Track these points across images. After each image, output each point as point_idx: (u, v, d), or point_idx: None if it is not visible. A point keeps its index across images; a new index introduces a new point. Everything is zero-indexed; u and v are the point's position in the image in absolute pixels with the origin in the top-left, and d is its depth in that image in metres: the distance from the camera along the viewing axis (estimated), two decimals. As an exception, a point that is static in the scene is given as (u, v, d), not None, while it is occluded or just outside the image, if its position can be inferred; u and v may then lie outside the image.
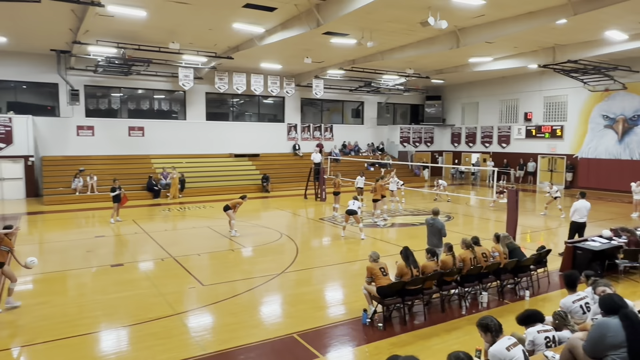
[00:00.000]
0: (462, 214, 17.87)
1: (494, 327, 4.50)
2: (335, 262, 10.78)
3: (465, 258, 8.11)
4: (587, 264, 9.38)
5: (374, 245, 12.28)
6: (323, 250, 12.42)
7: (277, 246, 12.26)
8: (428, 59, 22.61)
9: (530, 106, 27.80)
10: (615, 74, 22.54)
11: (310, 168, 22.24)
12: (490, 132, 30.45)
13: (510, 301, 8.26)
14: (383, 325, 7.05)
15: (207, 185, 23.03)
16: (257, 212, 18.08)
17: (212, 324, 7.21)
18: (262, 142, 27.44)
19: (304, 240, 13.25)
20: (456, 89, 32.50)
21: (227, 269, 10.12)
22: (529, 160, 27.85)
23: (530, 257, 8.77)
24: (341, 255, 11.39)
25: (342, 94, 30.27)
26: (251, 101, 27.97)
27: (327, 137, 30.18)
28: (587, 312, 5.67)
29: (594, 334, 4.28)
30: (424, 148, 33.35)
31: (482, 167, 29.08)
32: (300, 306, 7.92)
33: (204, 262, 10.76)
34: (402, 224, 15.45)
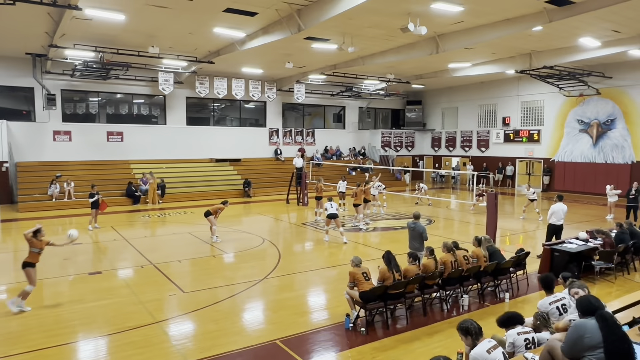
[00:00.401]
0: (443, 218, 18.06)
1: (474, 331, 4.55)
2: (318, 267, 10.76)
3: (446, 261, 8.19)
4: (564, 266, 9.56)
5: (356, 250, 12.30)
6: (305, 255, 12.39)
7: (259, 252, 12.19)
8: (408, 64, 22.85)
9: (508, 111, 28.31)
10: (589, 80, 23.13)
11: (292, 173, 22.21)
12: (469, 137, 30.89)
13: (491, 303, 8.36)
14: (366, 330, 7.06)
15: (188, 191, 22.80)
16: (239, 218, 17.95)
17: (193, 332, 7.12)
18: (244, 146, 27.31)
19: (286, 245, 13.21)
20: (436, 94, 32.91)
21: (208, 275, 10.01)
22: (507, 164, 28.32)
23: (509, 260, 8.90)
24: (323, 260, 11.38)
25: (323, 98, 30.34)
26: (232, 106, 27.82)
27: (309, 142, 30.22)
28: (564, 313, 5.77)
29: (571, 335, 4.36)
30: (405, 152, 33.64)
31: (462, 171, 29.46)
32: (282, 312, 7.88)
33: (184, 268, 10.63)
34: (384, 228, 15.53)
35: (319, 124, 31.62)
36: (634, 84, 22.37)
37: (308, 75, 24.86)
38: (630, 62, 21.86)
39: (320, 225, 15.66)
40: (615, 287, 9.19)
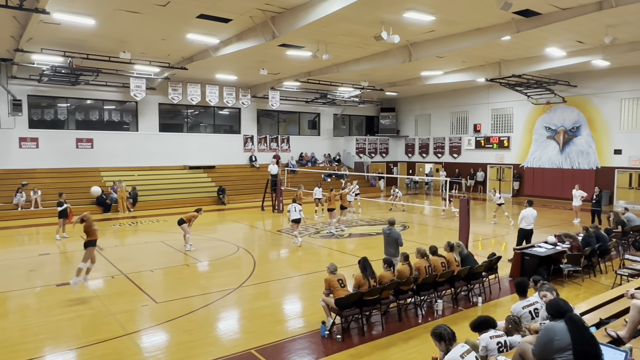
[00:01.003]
0: (417, 223, 18.26)
1: (447, 336, 4.59)
2: (293, 274, 10.71)
3: (420, 267, 8.27)
4: (534, 269, 9.79)
5: (332, 257, 12.31)
6: (281, 262, 12.33)
7: (234, 260, 12.07)
8: (382, 72, 23.13)
9: (479, 118, 28.95)
10: (556, 88, 23.89)
11: (267, 179, 22.11)
12: (442, 143, 31.42)
13: (464, 308, 8.48)
14: (342, 337, 7.04)
15: (160, 199, 22.42)
16: (213, 225, 17.73)
17: (166, 343, 6.97)
18: (218, 153, 27.06)
19: (261, 253, 13.12)
20: (409, 101, 33.38)
21: (182, 284, 9.84)
22: (478, 170, 28.91)
23: (482, 264, 9.05)
24: (299, 267, 11.34)
25: (298, 105, 30.38)
26: (206, 112, 27.57)
27: (284, 149, 30.17)
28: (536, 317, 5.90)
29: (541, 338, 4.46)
30: (380, 159, 33.96)
31: (435, 177, 29.90)
32: (258, 321, 7.80)
33: (157, 278, 10.43)
34: (360, 234, 15.60)
35: (294, 130, 31.62)
36: (597, 93, 23.23)
37: (283, 82, 24.86)
38: (594, 72, 22.70)
39: (338, 234, 15.57)
40: (583, 290, 9.46)
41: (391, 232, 9.37)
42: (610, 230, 12.31)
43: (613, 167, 22.89)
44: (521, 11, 13.21)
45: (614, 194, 22.90)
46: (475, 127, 29.01)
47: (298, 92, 28.48)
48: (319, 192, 19.78)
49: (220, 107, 27.66)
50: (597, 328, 5.69)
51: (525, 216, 11.59)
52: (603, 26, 14.59)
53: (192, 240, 13.40)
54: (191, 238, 13.27)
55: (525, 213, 11.63)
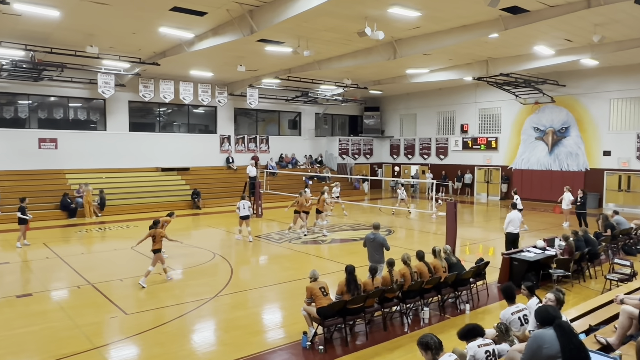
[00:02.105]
0: (402, 227, 18.39)
1: (434, 345, 4.64)
2: (273, 282, 10.69)
3: (405, 273, 8.33)
4: (523, 275, 9.96)
5: (314, 264, 12.32)
6: (260, 270, 12.29)
7: (210, 267, 11.99)
8: (366, 70, 23.28)
9: (466, 118, 29.34)
10: (544, 88, 24.39)
11: (245, 182, 22.04)
12: (428, 144, 31.74)
13: (452, 315, 8.58)
14: (324, 348, 7.05)
15: (130, 203, 22.14)
16: (187, 231, 17.57)
17: (137, 357, 6.88)
18: (193, 154, 26.84)
19: (239, 260, 13.05)
20: (394, 100, 33.65)
21: (153, 294, 9.73)
22: (466, 172, 29.29)
23: (469, 270, 9.17)
24: (279, 275, 11.32)
25: (278, 104, 30.35)
26: (180, 111, 27.31)
27: (263, 149, 30.08)
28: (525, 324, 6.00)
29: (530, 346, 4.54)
30: (364, 160, 34.11)
31: (422, 180, 30.16)
32: (235, 332, 7.76)
33: (127, 288, 10.31)
34: (343, 240, 15.65)
35: (274, 130, 31.55)
36: (586, 92, 23.80)
37: (261, 79, 24.79)
38: (582, 71, 23.25)
39: (320, 239, 15.57)
40: (572, 295, 9.66)
41: (376, 237, 9.42)
42: (599, 234, 12.59)
43: (602, 168, 23.44)
44: (509, 8, 13.46)
45: (603, 197, 23.46)
46: (463, 128, 29.38)
47: (278, 90, 28.45)
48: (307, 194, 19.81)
49: (195, 106, 27.44)
50: (587, 335, 5.82)
51: (512, 219, 11.81)
52: (591, 25, 14.97)
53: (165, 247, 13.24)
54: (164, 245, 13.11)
55: (512, 216, 11.85)
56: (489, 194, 28.56)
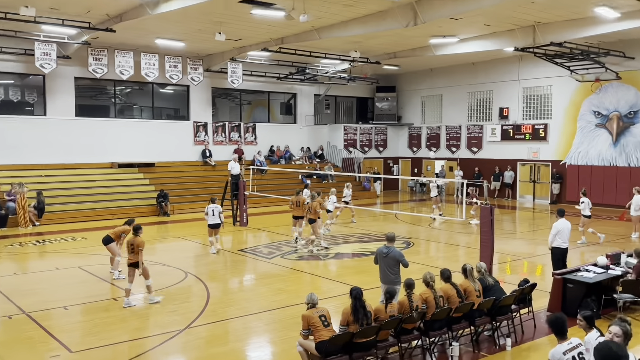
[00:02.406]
0: (423, 239, 18.32)
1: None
2: (260, 309, 10.63)
3: (428, 298, 8.26)
4: (580, 300, 9.87)
5: (312, 285, 12.26)
6: (244, 293, 12.24)
7: (181, 290, 11.95)
8: (378, 39, 23.20)
9: (506, 100, 29.27)
10: (607, 61, 24.27)
11: (227, 182, 21.97)
12: (457, 133, 31.68)
13: (488, 353, 8.50)
14: (325, 394, 7.00)
15: (77, 208, 22.12)
16: (152, 244, 17.50)
17: (84, 406, 6.81)
18: (159, 147, 26.79)
19: (217, 280, 12.99)
20: (414, 78, 33.58)
21: (107, 326, 9.68)
22: (506, 168, 29.23)
23: (510, 295, 9.09)
24: (268, 300, 11.26)
25: (267, 83, 30.31)
26: (142, 91, 27.25)
27: (249, 141, 30.06)
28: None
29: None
30: (375, 154, 34.06)
31: (449, 179, 30.10)
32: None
33: (73, 318, 10.23)
34: (350, 254, 15.58)
35: (262, 116, 31.47)
36: (659, 67, 23.74)
37: (246, 51, 24.73)
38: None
39: (321, 254, 15.52)
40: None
41: (390, 252, 9.35)
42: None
43: (680, 164, 23.36)
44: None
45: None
46: (502, 112, 29.32)
47: (267, 66, 28.41)
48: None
49: (161, 84, 27.39)
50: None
51: (561, 230, 11.74)
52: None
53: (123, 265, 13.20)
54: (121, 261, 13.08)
55: (560, 226, 11.77)
56: (535, 196, 28.49)
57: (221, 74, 27.80)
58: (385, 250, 9.41)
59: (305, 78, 30.10)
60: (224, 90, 29.50)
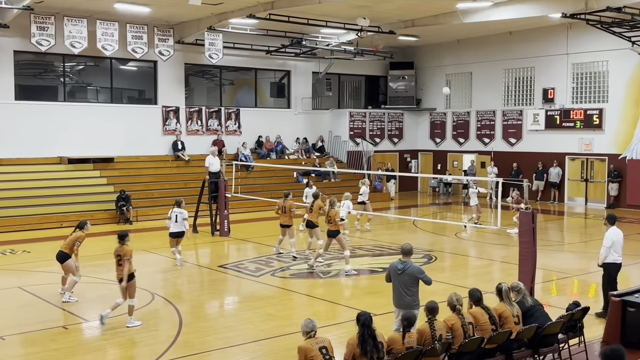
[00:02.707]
0: (449, 252, 18.30)
1: None
2: (246, 339, 10.62)
3: (454, 325, 8.26)
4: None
5: (310, 309, 12.25)
6: (225, 319, 12.25)
7: (146, 316, 11.95)
8: (392, 3, 23.19)
9: (552, 79, 29.22)
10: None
11: (203, 181, 21.96)
12: (491, 121, 31.65)
13: (529, 393, 8.52)
14: None
15: (17, 214, 22.16)
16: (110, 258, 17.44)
17: None
18: (119, 137, 26.75)
19: (192, 303, 13.00)
20: (437, 52, 33.55)
21: (55, 359, 9.67)
22: (551, 164, 29.20)
23: (557, 321, 9.10)
24: (256, 328, 11.26)
25: (254, 58, 30.26)
26: (98, 68, 27.25)
27: (231, 130, 30.01)
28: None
29: None
30: (389, 146, 34.04)
31: (480, 177, 29.99)
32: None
33: (12, 350, 10.22)
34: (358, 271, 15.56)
35: (248, 100, 31.48)
36: None
37: (228, 18, 24.73)
38: None
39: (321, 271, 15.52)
40: None
41: (407, 268, 9.34)
42: None
43: None
44: None
45: None
46: (547, 94, 29.28)
47: (254, 37, 28.39)
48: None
49: (122, 60, 27.37)
50: None
51: (615, 242, 11.71)
52: None
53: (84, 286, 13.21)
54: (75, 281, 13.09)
55: (614, 237, 11.73)
56: (588, 198, 28.46)
57: (196, 47, 27.75)
58: (401, 265, 9.37)
59: (302, 52, 30.05)
60: (200, 67, 29.46)
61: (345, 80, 34.86)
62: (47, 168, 24.89)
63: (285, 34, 27.94)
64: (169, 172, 27.17)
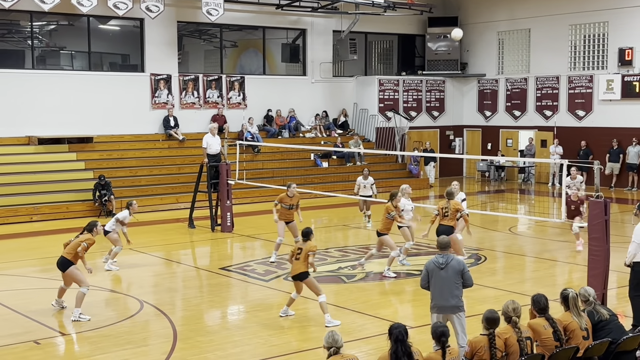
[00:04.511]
0: (501, 251, 18.27)
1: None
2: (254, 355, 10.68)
3: (509, 339, 8.27)
4: None
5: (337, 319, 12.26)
6: (229, 332, 12.30)
7: (135, 328, 12.06)
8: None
9: (630, 36, 28.96)
10: None
11: (201, 164, 22.03)
12: (554, 89, 31.46)
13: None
14: None
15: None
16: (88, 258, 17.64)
17: None
18: (98, 113, 26.91)
19: (188, 313, 13.12)
20: (486, 4, 33.40)
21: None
22: (630, 142, 28.99)
23: (635, 335, 9.08)
24: (266, 342, 11.32)
25: (262, 14, 30.25)
26: (73, 28, 27.43)
27: (234, 103, 30.06)
28: None
29: None
30: (427, 121, 33.98)
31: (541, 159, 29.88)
32: None
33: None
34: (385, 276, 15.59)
35: (255, 65, 31.55)
36: None
37: (229, -35, 24.76)
38: None
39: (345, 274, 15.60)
40: None
41: (449, 263, 9.40)
42: None
43: None
44: None
45: None
46: (624, 56, 29.03)
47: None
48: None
49: (102, 18, 27.50)
50: None
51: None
52: None
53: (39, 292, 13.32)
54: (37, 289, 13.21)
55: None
56: None
57: (192, 2, 27.79)
58: (442, 259, 9.42)
59: (320, 6, 30.00)
60: (195, 25, 29.56)
61: (374, 40, 34.76)
62: (13, 150, 25.11)
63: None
64: (158, 155, 27.33)
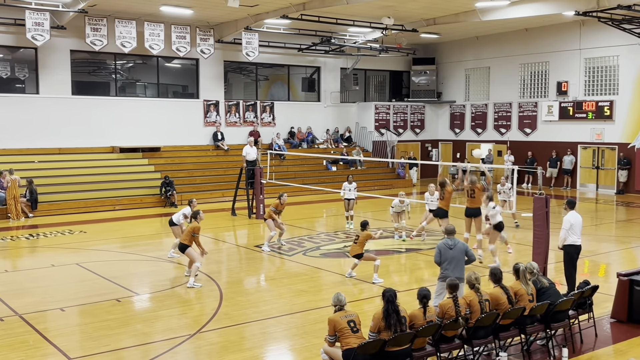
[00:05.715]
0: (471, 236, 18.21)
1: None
2: (280, 312, 10.71)
3: (472, 301, 8.25)
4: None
5: (340, 285, 12.26)
6: (261, 294, 12.32)
7: (189, 291, 12.08)
8: (415, 2, 22.98)
9: (565, 73, 28.80)
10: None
11: (241, 168, 22.09)
12: (507, 112, 31.32)
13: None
14: (353, 409, 7.05)
15: (74, 198, 22.42)
16: (158, 238, 17.72)
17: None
18: (164, 129, 26.97)
19: (231, 280, 13.12)
20: (457, 49, 33.25)
21: (109, 330, 9.83)
22: (565, 152, 28.85)
23: (568, 299, 9.03)
24: (289, 302, 11.34)
25: (287, 55, 30.26)
26: (146, 65, 27.43)
27: (266, 122, 30.11)
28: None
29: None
30: (411, 136, 33.87)
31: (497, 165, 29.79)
32: (225, 384, 7.81)
33: (71, 320, 10.40)
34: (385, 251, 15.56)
35: (281, 94, 31.49)
36: None
37: (263, 19, 24.71)
38: None
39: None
40: None
41: (456, 245, 9.78)
42: None
43: None
44: None
45: None
46: (560, 87, 28.91)
47: (287, 36, 28.37)
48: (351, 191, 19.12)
49: (167, 58, 27.52)
50: None
51: (574, 224, 11.59)
52: None
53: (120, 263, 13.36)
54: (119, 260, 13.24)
55: (573, 220, 11.60)
56: (599, 185, 28.11)
57: (234, 46, 27.82)
58: (451, 242, 9.86)
59: (331, 49, 29.98)
60: (237, 64, 29.52)
61: (371, 75, 34.75)
62: (100, 157, 25.21)
63: (315, 33, 27.88)
64: (209, 161, 27.34)
